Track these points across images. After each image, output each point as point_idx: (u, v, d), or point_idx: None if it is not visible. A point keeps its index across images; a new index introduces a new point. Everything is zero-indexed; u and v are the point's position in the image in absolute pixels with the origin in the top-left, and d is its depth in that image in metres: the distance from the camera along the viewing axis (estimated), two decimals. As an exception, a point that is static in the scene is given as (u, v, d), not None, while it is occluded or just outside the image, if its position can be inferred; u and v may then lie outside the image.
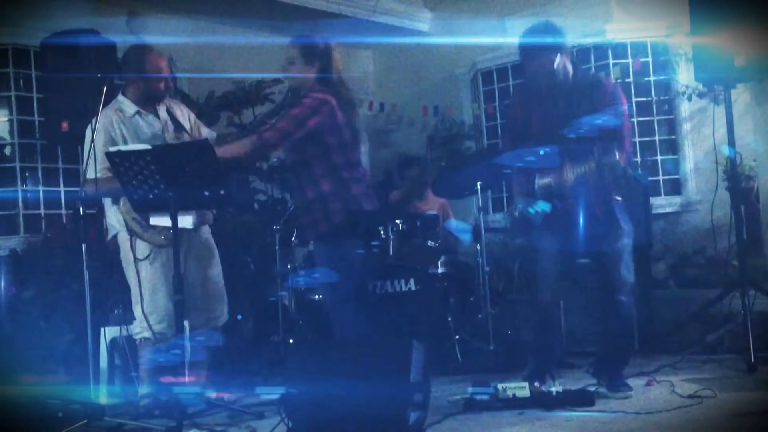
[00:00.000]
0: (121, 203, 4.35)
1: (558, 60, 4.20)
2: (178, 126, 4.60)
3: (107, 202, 4.50)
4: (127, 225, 4.41)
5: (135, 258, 4.40)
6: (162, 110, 4.62)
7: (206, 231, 4.69)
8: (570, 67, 4.27)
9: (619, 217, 4.30)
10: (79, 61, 5.18)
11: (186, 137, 4.57)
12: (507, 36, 7.80)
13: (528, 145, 4.24)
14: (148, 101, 4.57)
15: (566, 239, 4.30)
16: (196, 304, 4.46)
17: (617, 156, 4.02)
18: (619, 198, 4.33)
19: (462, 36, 7.87)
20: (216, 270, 4.67)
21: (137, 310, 4.45)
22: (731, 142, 5.17)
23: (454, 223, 6.43)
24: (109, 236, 4.55)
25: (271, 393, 4.07)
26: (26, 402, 4.14)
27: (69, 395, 4.19)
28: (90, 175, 4.26)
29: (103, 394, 4.60)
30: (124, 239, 4.47)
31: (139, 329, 4.47)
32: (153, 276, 4.42)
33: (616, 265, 4.27)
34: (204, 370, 4.57)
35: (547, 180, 4.18)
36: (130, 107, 4.54)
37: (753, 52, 4.81)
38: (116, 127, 4.46)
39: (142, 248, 4.43)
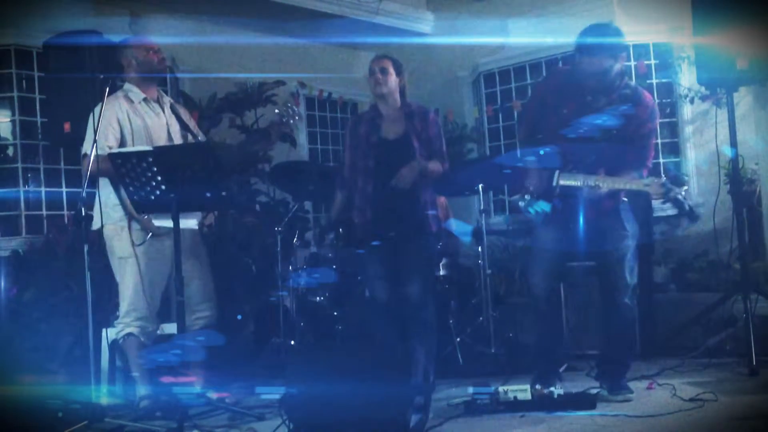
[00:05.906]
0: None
1: (613, 64, 4.20)
2: (183, 125, 4.67)
3: (104, 186, 4.45)
4: (124, 208, 4.37)
5: (133, 244, 4.39)
6: (166, 106, 4.68)
7: (196, 231, 4.69)
8: (618, 76, 4.26)
9: (624, 218, 4.31)
10: (81, 62, 5.19)
11: (189, 137, 4.63)
12: (509, 38, 7.83)
13: (550, 133, 4.26)
14: (150, 80, 4.62)
15: (568, 239, 4.31)
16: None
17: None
18: (625, 198, 4.34)
19: (464, 37, 7.88)
20: (204, 270, 4.65)
21: (126, 306, 4.45)
22: (733, 145, 5.16)
23: (453, 223, 6.41)
24: (93, 227, 4.43)
25: (271, 393, 4.06)
26: (26, 402, 4.13)
27: (69, 396, 4.18)
28: (99, 151, 4.19)
29: (103, 395, 4.59)
30: (112, 231, 4.43)
31: (122, 326, 4.46)
32: (144, 271, 4.41)
33: (619, 267, 4.28)
34: (201, 369, 4.56)
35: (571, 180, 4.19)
36: (137, 94, 4.59)
37: (756, 55, 4.81)
38: (124, 109, 4.50)
39: (136, 238, 4.41)
